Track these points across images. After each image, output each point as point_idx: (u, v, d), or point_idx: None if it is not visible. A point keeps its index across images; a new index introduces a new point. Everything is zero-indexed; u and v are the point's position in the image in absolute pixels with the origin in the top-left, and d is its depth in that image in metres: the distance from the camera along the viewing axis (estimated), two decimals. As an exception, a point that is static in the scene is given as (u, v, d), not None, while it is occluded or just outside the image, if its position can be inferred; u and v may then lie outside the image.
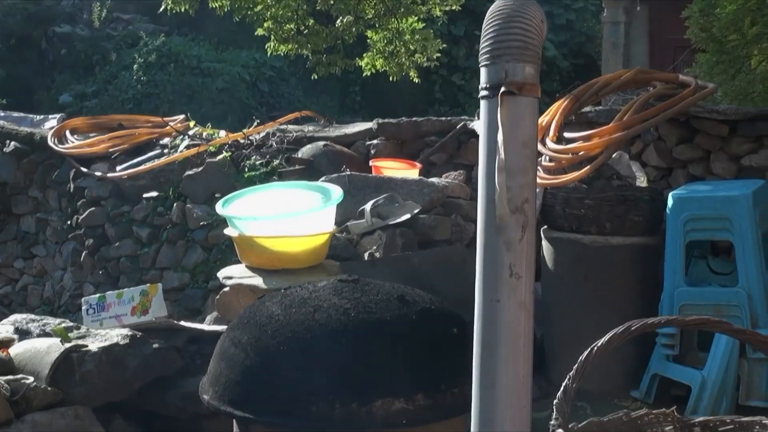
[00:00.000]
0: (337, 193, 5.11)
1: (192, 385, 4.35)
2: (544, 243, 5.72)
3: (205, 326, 5.07)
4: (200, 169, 7.30)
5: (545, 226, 5.75)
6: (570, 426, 2.48)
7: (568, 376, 2.54)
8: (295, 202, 5.19)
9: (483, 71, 2.20)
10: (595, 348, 2.53)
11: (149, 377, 4.41)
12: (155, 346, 4.48)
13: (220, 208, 5.16)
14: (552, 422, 2.50)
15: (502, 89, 2.16)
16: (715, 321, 2.48)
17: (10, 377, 4.01)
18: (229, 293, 5.06)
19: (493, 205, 2.15)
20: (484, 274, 2.20)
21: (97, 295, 5.00)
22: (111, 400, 4.28)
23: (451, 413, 3.72)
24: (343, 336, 3.66)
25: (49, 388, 4.03)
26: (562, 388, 2.53)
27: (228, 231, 5.16)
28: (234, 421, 3.91)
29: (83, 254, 7.96)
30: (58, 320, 4.73)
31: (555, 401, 2.53)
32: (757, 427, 2.52)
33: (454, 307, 4.03)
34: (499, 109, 2.15)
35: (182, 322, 4.99)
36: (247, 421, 3.75)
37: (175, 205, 7.31)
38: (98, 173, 7.85)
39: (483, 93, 2.21)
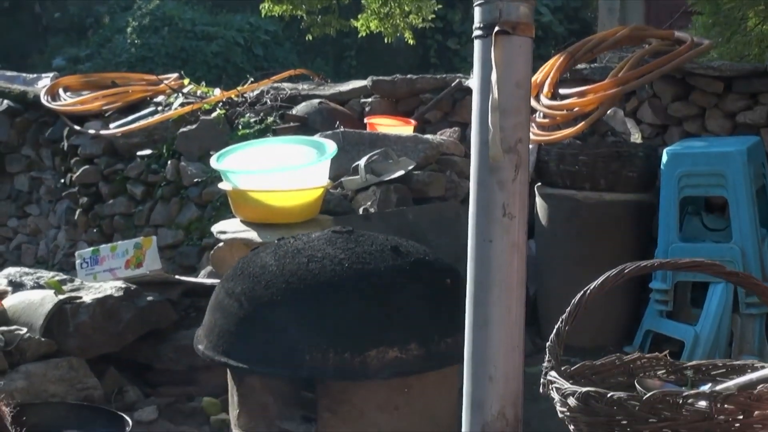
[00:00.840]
0: (331, 147, 5.09)
1: (186, 338, 4.36)
2: (538, 200, 5.72)
3: (200, 280, 5.07)
4: (194, 126, 7.27)
5: (539, 183, 5.75)
6: (562, 368, 2.48)
7: (560, 319, 2.54)
8: (290, 157, 5.18)
9: (477, 10, 2.19)
10: (588, 290, 2.52)
11: (143, 330, 4.42)
12: (149, 298, 4.48)
13: (214, 162, 5.15)
14: (545, 364, 2.50)
15: (496, 29, 2.14)
16: (708, 264, 2.48)
17: (4, 328, 4.02)
18: (223, 248, 5.06)
19: (486, 145, 2.14)
20: (477, 214, 2.19)
21: (91, 249, 4.99)
22: (105, 351, 4.29)
23: (445, 363, 3.73)
24: (337, 286, 3.67)
25: (43, 339, 4.04)
26: (554, 331, 2.53)
27: (222, 185, 5.16)
28: (228, 371, 3.92)
29: (77, 212, 7.94)
30: (51, 273, 4.74)
31: (548, 344, 2.53)
32: (749, 369, 2.53)
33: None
34: (492, 48, 2.14)
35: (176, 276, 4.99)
36: (241, 371, 3.76)
37: (169, 162, 7.29)
38: (92, 131, 7.82)
39: (477, 33, 2.19)
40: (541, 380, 2.49)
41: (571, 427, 2.44)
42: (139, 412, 4.05)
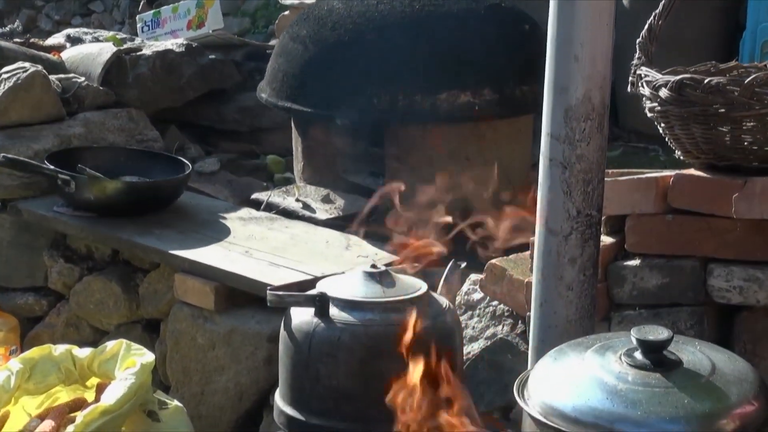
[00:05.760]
0: None
1: (250, 99, 4.22)
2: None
3: (265, 44, 4.91)
4: None
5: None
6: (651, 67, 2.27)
7: (653, 14, 2.32)
8: None
9: None
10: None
11: (205, 88, 4.28)
12: (212, 57, 4.32)
13: (279, -76, 4.93)
14: (634, 62, 2.31)
15: None
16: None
17: (62, 75, 3.90)
18: (288, 16, 4.88)
19: None
20: None
21: (152, 11, 4.83)
22: (165, 106, 4.16)
23: (519, 110, 3.55)
24: (408, 27, 3.48)
25: (101, 88, 3.91)
26: (646, 27, 2.33)
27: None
28: (292, 122, 3.77)
29: (141, 4, 7.76)
30: (111, 32, 4.59)
31: (638, 40, 2.34)
32: None
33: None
34: None
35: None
36: (305, 116, 3.61)
37: (235, -53, 7.11)
38: None
39: None
40: (630, 79, 2.30)
41: (661, 126, 2.25)
42: (200, 163, 3.92)
